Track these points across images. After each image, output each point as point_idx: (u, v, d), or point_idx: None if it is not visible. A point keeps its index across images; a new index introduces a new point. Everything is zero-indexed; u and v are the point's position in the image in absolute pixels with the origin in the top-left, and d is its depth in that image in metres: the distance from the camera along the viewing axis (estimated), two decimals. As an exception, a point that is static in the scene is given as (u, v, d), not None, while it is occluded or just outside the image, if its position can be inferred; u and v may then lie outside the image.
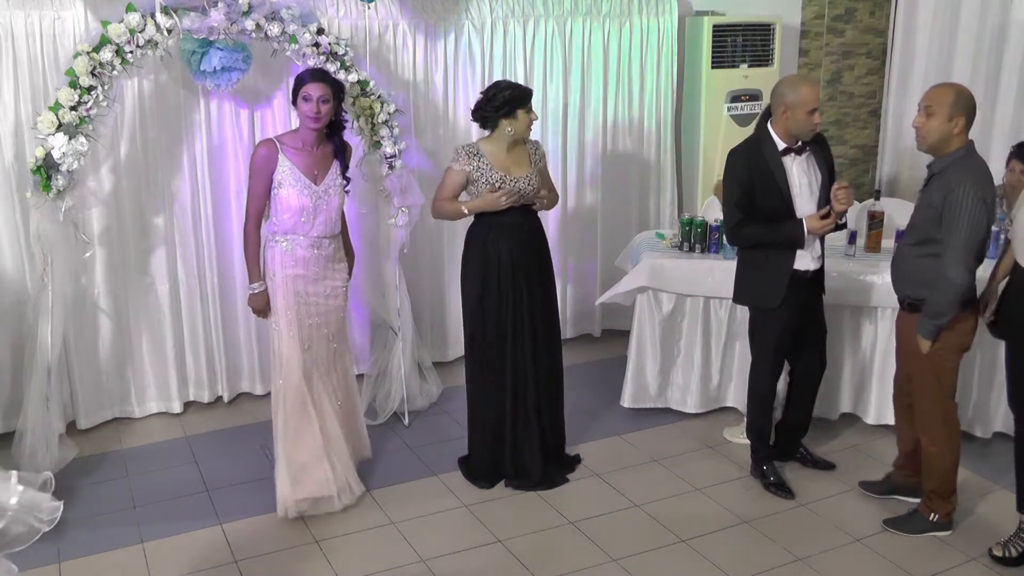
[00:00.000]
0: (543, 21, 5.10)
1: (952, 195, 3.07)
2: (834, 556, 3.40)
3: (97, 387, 4.41)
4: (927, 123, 3.14)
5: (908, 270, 3.31)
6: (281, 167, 3.47)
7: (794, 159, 3.60)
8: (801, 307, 3.72)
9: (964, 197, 3.05)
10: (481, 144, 3.72)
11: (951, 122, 3.11)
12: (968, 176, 3.09)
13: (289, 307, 3.55)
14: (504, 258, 3.71)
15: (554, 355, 3.92)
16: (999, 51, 5.40)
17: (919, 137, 3.19)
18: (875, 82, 6.41)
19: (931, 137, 3.15)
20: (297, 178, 3.48)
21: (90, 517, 3.63)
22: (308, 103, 3.43)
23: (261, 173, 3.49)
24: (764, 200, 3.59)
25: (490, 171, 3.66)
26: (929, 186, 3.23)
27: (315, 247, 3.56)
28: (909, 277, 3.31)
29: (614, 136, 5.47)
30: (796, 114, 3.49)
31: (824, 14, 6.14)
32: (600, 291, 5.19)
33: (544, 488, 3.86)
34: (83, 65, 3.53)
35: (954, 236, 3.08)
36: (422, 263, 5.07)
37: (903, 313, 3.40)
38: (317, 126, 3.48)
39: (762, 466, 3.91)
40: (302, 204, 3.49)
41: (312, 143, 3.53)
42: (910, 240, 3.31)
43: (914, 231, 3.29)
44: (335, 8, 4.51)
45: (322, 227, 3.55)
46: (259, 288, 3.58)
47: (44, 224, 3.62)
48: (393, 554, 3.40)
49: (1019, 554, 3.28)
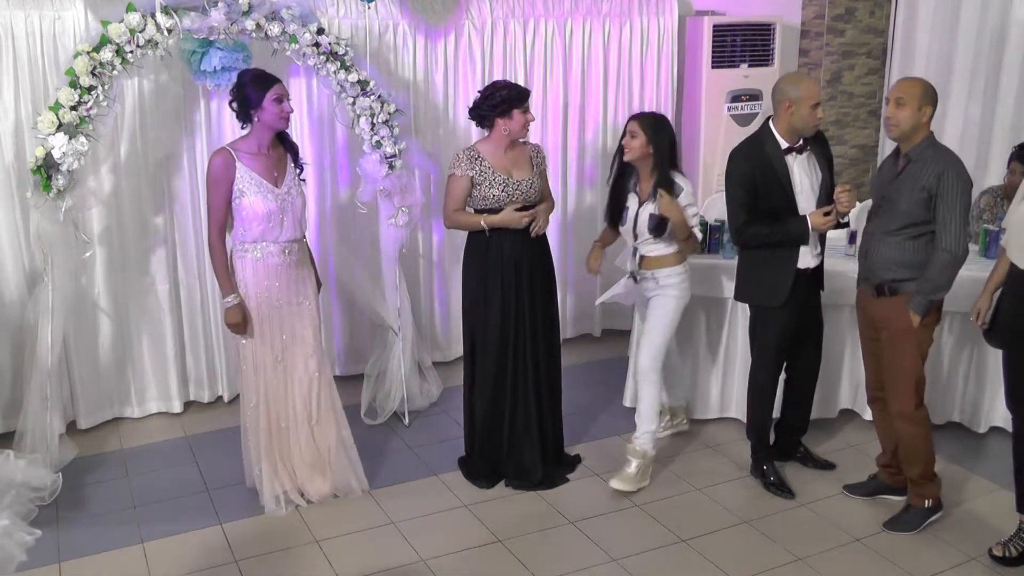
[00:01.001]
0: (543, 21, 5.10)
1: (946, 176, 3.25)
2: (834, 556, 3.40)
3: (97, 387, 4.41)
4: (898, 113, 3.31)
5: (892, 255, 3.38)
6: (240, 175, 3.40)
7: (795, 158, 3.60)
8: (801, 305, 3.72)
9: (957, 178, 3.25)
10: (480, 146, 3.72)
11: (920, 111, 3.29)
12: (952, 159, 3.30)
13: (263, 321, 3.52)
14: (505, 258, 3.71)
15: (554, 355, 3.92)
16: (999, 51, 5.40)
17: (891, 126, 3.36)
18: (875, 82, 6.41)
19: (904, 125, 3.31)
20: (259, 184, 3.42)
21: (90, 517, 3.63)
22: (282, 103, 3.40)
23: (220, 184, 3.40)
24: (767, 199, 3.59)
25: (493, 174, 3.65)
26: (907, 172, 3.33)
27: (286, 252, 3.51)
28: (895, 261, 3.38)
29: (614, 136, 5.46)
30: (800, 109, 3.52)
31: (824, 14, 6.13)
32: (600, 291, 5.18)
33: (544, 488, 3.86)
34: (83, 65, 3.53)
35: (953, 213, 3.25)
36: (422, 263, 5.07)
37: (883, 299, 3.44)
38: (288, 125, 3.48)
39: (762, 466, 3.91)
40: (268, 209, 3.42)
41: (267, 145, 3.47)
42: (892, 227, 3.38)
43: (897, 217, 3.35)
44: (335, 8, 4.51)
45: (291, 230, 3.50)
46: (234, 301, 3.47)
47: (44, 224, 3.62)
48: (393, 554, 3.40)
49: (1019, 554, 3.29)
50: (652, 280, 3.81)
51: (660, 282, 3.79)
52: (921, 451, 3.49)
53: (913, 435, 3.47)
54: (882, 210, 3.44)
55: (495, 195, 3.65)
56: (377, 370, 4.57)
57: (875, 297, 3.47)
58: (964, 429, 4.33)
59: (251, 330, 3.51)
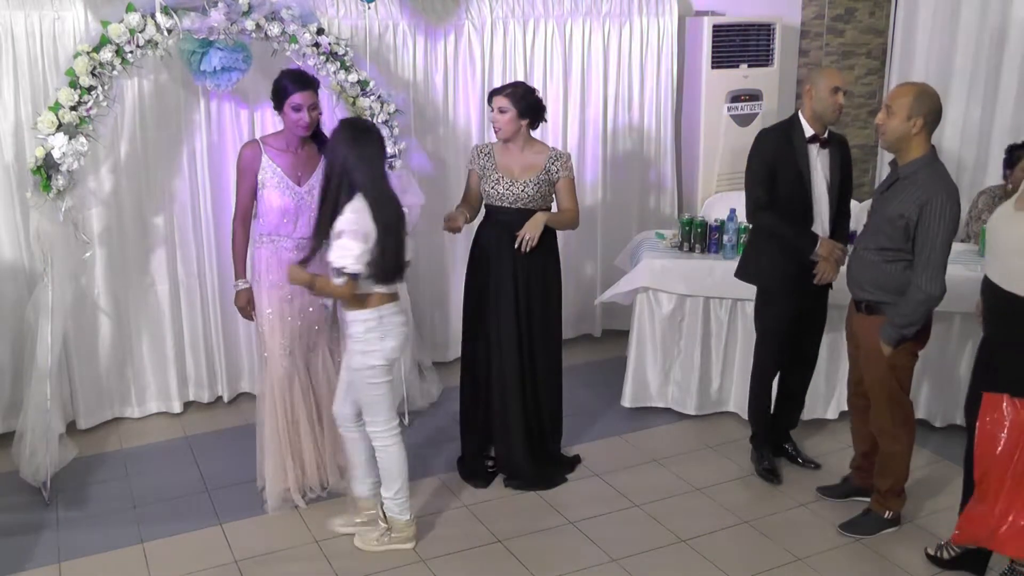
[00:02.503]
0: (543, 21, 5.10)
1: (929, 207, 3.05)
2: (834, 556, 3.40)
3: (97, 387, 4.41)
4: (888, 121, 3.16)
5: (871, 275, 3.27)
6: (264, 168, 3.50)
7: (818, 151, 3.66)
8: (805, 295, 3.75)
9: (942, 209, 3.05)
10: (497, 144, 3.77)
11: (909, 121, 3.10)
12: (942, 187, 3.09)
13: (273, 312, 3.57)
14: (493, 257, 3.72)
15: (551, 355, 3.91)
16: (999, 51, 5.40)
17: (880, 134, 3.23)
18: (875, 82, 6.41)
19: (891, 136, 3.16)
20: (280, 179, 3.50)
21: (90, 517, 3.63)
22: (299, 112, 3.44)
23: (246, 174, 3.53)
24: (784, 184, 3.64)
25: (493, 171, 3.70)
26: (894, 190, 3.21)
27: (299, 248, 3.53)
28: (871, 282, 3.28)
29: (614, 136, 5.47)
30: (820, 91, 3.58)
31: (824, 14, 6.13)
32: (600, 291, 5.19)
33: (544, 488, 3.86)
34: (83, 65, 3.53)
35: (932, 249, 3.07)
36: (422, 263, 5.07)
37: (861, 315, 3.37)
38: (308, 133, 3.51)
39: (759, 450, 3.98)
40: (284, 205, 3.51)
41: (296, 145, 3.55)
42: (872, 245, 3.27)
43: (877, 237, 3.24)
44: (335, 8, 4.51)
45: (305, 228, 3.54)
46: (242, 285, 3.64)
47: (44, 224, 3.61)
48: (393, 554, 3.39)
49: (952, 557, 3.30)
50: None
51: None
52: (896, 467, 3.45)
53: (889, 451, 3.43)
54: (868, 223, 3.37)
55: (487, 191, 3.72)
56: (377, 370, 4.57)
57: (855, 312, 3.43)
58: (953, 424, 4.32)
59: (263, 320, 3.58)
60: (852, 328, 3.51)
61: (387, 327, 3.17)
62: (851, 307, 3.51)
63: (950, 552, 3.30)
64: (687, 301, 4.40)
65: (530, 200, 3.69)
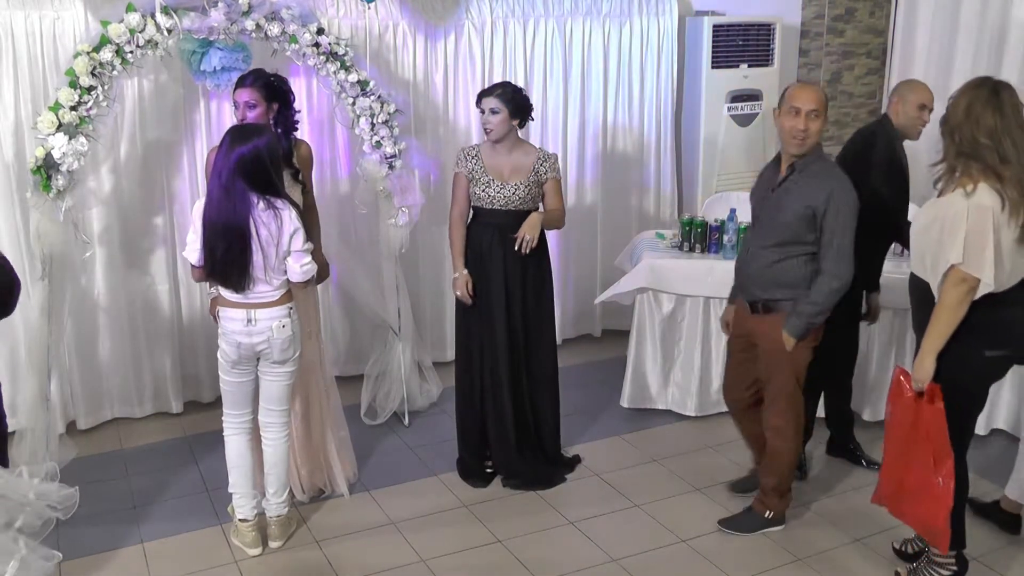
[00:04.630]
0: (543, 21, 5.10)
1: (836, 196, 3.08)
2: (834, 556, 3.40)
3: (97, 387, 4.41)
4: (813, 125, 3.11)
5: (768, 273, 3.24)
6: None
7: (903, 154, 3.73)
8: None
9: (847, 196, 3.10)
10: (483, 145, 3.75)
11: (825, 121, 3.16)
12: (841, 177, 3.14)
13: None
14: (485, 258, 3.71)
15: (546, 355, 3.90)
16: (999, 51, 5.39)
17: (802, 142, 3.12)
18: (875, 82, 6.41)
19: (815, 139, 3.14)
20: None
21: (90, 517, 3.62)
22: (237, 110, 3.45)
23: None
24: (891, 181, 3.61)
25: (483, 173, 3.69)
26: (786, 186, 3.19)
27: None
28: (769, 280, 3.25)
29: (614, 136, 5.47)
30: (908, 107, 3.64)
31: (824, 14, 6.14)
32: (600, 291, 5.19)
33: (543, 487, 3.86)
34: (83, 65, 3.53)
35: (842, 236, 3.10)
36: (422, 263, 5.07)
37: (757, 317, 3.33)
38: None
39: None
40: None
41: None
42: (767, 242, 3.23)
43: (776, 231, 3.20)
44: (335, 8, 4.51)
45: None
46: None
47: (44, 224, 3.61)
48: (393, 554, 3.40)
49: (916, 551, 3.31)
50: None
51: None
52: (783, 466, 3.44)
53: (779, 449, 3.42)
54: (760, 222, 3.33)
55: (477, 194, 3.70)
56: (377, 370, 4.57)
57: (749, 313, 3.37)
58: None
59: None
60: (746, 329, 3.44)
61: (224, 329, 3.25)
62: (739, 310, 3.46)
63: (915, 547, 3.32)
64: (687, 301, 4.40)
65: (521, 202, 3.69)
